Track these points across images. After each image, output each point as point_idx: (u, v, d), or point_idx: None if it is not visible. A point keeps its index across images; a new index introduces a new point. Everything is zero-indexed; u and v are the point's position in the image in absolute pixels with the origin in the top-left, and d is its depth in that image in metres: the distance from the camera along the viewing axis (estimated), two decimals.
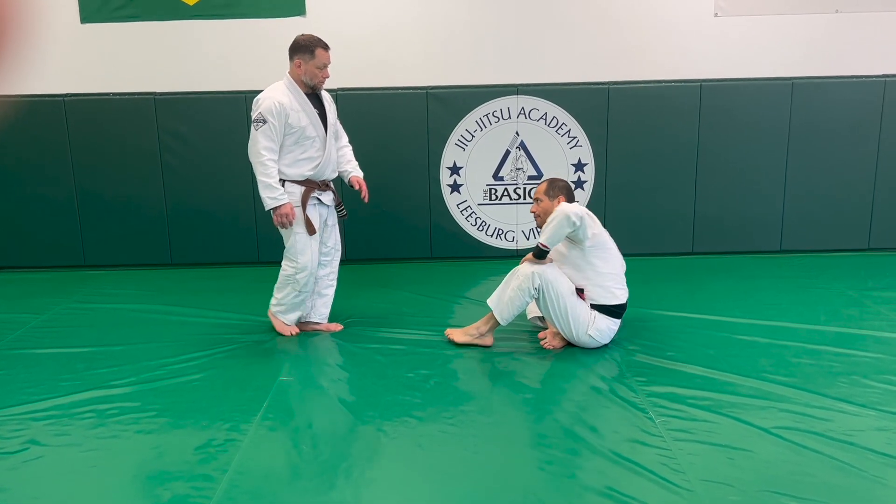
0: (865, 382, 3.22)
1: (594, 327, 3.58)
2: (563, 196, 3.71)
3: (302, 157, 3.74)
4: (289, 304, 3.94)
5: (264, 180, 3.64)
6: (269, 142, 3.63)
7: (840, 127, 5.39)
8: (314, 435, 2.87)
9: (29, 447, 2.79)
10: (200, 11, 5.39)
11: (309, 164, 3.76)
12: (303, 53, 3.65)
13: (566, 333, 3.63)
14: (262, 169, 3.64)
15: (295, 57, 3.67)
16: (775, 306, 4.32)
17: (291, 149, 3.71)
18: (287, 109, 3.63)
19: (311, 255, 3.85)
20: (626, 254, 5.50)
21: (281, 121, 3.62)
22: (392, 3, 5.42)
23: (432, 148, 5.44)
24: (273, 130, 3.62)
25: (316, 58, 3.65)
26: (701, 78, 5.39)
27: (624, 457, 2.62)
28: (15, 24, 1.11)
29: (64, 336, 4.07)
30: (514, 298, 3.60)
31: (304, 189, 3.77)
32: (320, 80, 3.72)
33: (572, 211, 3.43)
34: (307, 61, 3.65)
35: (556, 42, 5.49)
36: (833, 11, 5.42)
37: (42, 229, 5.49)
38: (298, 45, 3.67)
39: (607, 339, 3.65)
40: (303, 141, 3.71)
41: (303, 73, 3.67)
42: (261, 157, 3.63)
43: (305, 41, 3.66)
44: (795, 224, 5.55)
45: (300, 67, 3.66)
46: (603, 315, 3.59)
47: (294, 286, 3.88)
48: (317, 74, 3.68)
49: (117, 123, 5.35)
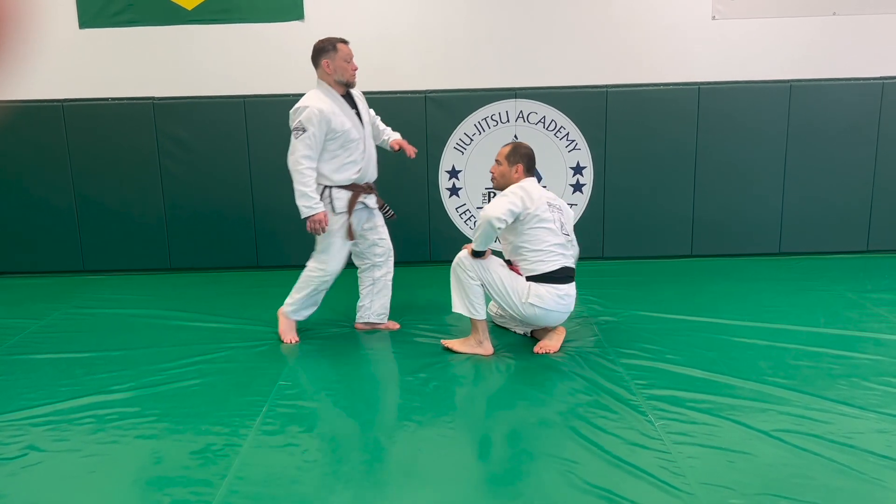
0: (865, 385, 3.22)
1: (533, 294, 3.58)
2: (521, 164, 3.72)
3: (348, 161, 3.76)
4: (302, 304, 3.96)
5: (301, 189, 3.65)
6: (308, 150, 3.63)
7: (838, 129, 5.40)
8: (314, 440, 2.86)
9: (28, 453, 2.78)
10: (199, 16, 5.39)
11: (354, 168, 3.79)
12: (326, 53, 3.69)
13: (512, 309, 3.64)
14: (299, 178, 3.65)
15: (321, 60, 3.71)
16: (774, 309, 4.32)
17: (337, 153, 3.72)
18: (328, 115, 3.64)
19: (341, 260, 3.89)
20: (625, 256, 5.57)
21: (322, 128, 3.63)
22: (390, 7, 5.43)
23: (431, 152, 5.45)
24: (313, 139, 3.63)
25: (339, 51, 3.70)
26: (699, 81, 5.40)
27: (623, 460, 2.62)
28: (11, 26, 1.10)
29: (63, 341, 4.06)
30: (466, 289, 3.64)
31: (350, 194, 3.80)
32: (351, 74, 3.75)
33: (495, 216, 3.47)
34: (333, 58, 3.69)
35: (554, 46, 5.49)
36: (830, 14, 5.43)
37: (41, 234, 5.48)
38: (320, 48, 3.72)
39: (554, 304, 3.60)
40: (347, 144, 3.74)
41: (333, 72, 3.70)
42: (299, 165, 3.63)
43: (323, 42, 3.72)
44: (794, 226, 5.55)
45: (329, 67, 3.70)
46: (538, 283, 3.60)
47: (317, 285, 3.91)
48: (346, 68, 3.72)
49: (116, 128, 5.35)
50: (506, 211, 3.50)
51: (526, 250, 3.62)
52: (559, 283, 3.61)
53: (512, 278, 3.63)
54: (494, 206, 3.52)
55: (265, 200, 5.43)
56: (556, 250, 3.62)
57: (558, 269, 3.61)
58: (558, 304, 3.62)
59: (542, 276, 3.60)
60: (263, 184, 5.39)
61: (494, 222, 3.48)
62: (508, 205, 3.51)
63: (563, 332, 3.86)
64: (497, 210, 3.49)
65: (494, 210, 3.50)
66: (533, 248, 3.60)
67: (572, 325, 4.11)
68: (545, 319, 3.69)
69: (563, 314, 3.70)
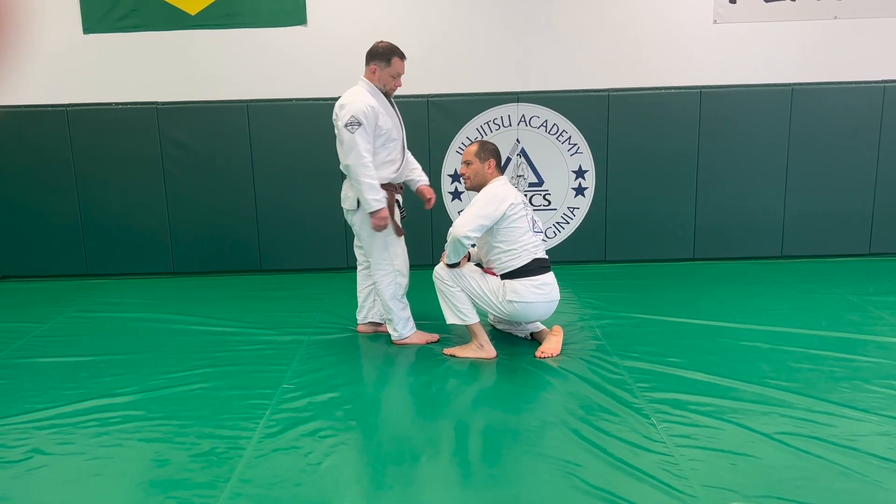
0: (867, 387, 3.23)
1: (509, 291, 3.60)
2: (492, 159, 3.73)
3: (387, 160, 3.78)
4: (400, 316, 3.92)
5: (369, 182, 3.63)
6: (367, 143, 3.64)
7: (840, 132, 5.41)
8: (317, 443, 2.87)
9: (33, 456, 2.79)
10: (202, 21, 5.41)
11: (392, 167, 3.80)
12: (379, 60, 3.70)
13: (495, 310, 3.69)
14: (364, 171, 3.63)
15: (371, 63, 3.72)
16: (777, 312, 4.32)
17: (378, 151, 3.73)
18: (377, 111, 3.67)
19: (404, 255, 3.89)
20: (627, 260, 5.57)
21: (372, 123, 3.64)
22: (392, 12, 5.45)
23: (433, 156, 5.46)
24: (368, 132, 3.63)
25: (392, 66, 3.70)
26: (700, 85, 5.41)
27: (626, 462, 2.63)
28: (9, 27, 1.12)
29: (67, 345, 4.08)
30: (450, 298, 3.69)
31: (388, 193, 3.79)
32: (392, 88, 3.76)
33: (463, 234, 3.51)
34: (382, 69, 3.70)
35: (556, 50, 5.51)
36: (832, 17, 5.44)
37: (45, 238, 5.51)
38: (376, 52, 3.71)
39: (533, 296, 3.61)
40: (388, 143, 3.75)
41: (377, 80, 3.71)
42: (363, 158, 3.62)
43: (383, 49, 3.71)
44: (796, 229, 5.56)
45: (374, 74, 3.71)
46: (513, 279, 3.62)
47: (397, 293, 3.88)
48: (390, 82, 3.73)
49: (120, 133, 5.38)
50: (475, 227, 3.54)
51: (500, 250, 3.65)
52: (534, 275, 3.63)
53: (486, 280, 3.67)
54: (464, 222, 3.54)
55: (268, 204, 5.44)
56: (528, 248, 3.64)
57: (530, 261, 3.63)
58: (537, 295, 3.63)
59: (515, 272, 3.62)
60: (266, 188, 5.41)
61: (463, 240, 3.53)
62: (479, 220, 3.54)
63: (560, 332, 3.86)
64: (466, 227, 3.52)
65: (463, 227, 3.53)
66: (507, 247, 3.63)
67: (574, 328, 4.12)
68: (531, 313, 3.70)
69: (547, 304, 3.69)
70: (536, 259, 3.66)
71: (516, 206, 3.62)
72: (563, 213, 5.58)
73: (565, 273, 5.19)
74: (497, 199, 3.60)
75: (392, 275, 3.87)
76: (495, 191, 3.65)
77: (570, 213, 5.57)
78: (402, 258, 3.88)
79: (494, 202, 3.58)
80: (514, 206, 3.60)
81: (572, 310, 4.47)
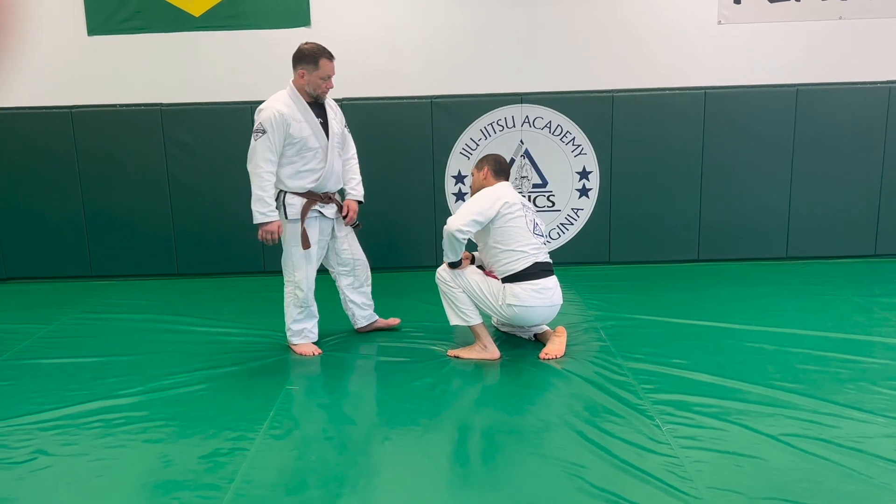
0: (873, 389, 3.21)
1: (509, 295, 3.60)
2: (487, 167, 3.78)
3: (304, 169, 3.67)
4: (299, 325, 3.89)
5: (258, 193, 3.55)
6: (268, 153, 3.54)
7: (845, 133, 5.39)
8: (321, 444, 2.87)
9: (37, 457, 2.80)
10: (206, 23, 5.42)
11: (311, 176, 3.70)
12: (306, 63, 3.59)
13: (495, 312, 3.70)
14: (257, 181, 3.55)
15: (298, 67, 3.61)
16: (782, 313, 4.31)
17: (293, 160, 3.64)
18: (288, 119, 3.56)
19: (307, 269, 3.79)
20: (632, 261, 5.56)
21: (281, 132, 3.55)
22: (396, 13, 5.45)
23: (437, 157, 5.46)
24: (271, 142, 3.54)
25: (320, 68, 3.58)
26: (705, 85, 5.39)
27: (630, 464, 2.62)
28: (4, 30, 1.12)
29: (71, 346, 4.08)
30: (452, 300, 3.70)
31: (304, 202, 3.70)
32: (323, 91, 3.65)
33: (456, 228, 3.53)
34: (310, 72, 3.59)
35: (560, 50, 5.50)
36: (837, 18, 5.42)
37: (49, 239, 5.52)
38: (302, 55, 3.60)
39: (533, 300, 3.60)
40: (304, 152, 3.64)
41: (306, 84, 3.61)
42: (259, 168, 3.54)
43: (309, 51, 3.60)
44: (801, 231, 5.54)
45: (303, 78, 3.60)
46: (513, 283, 3.61)
47: (295, 302, 3.85)
48: (320, 85, 3.62)
49: (124, 134, 5.39)
50: (468, 222, 3.54)
51: (498, 251, 3.64)
52: (534, 279, 3.62)
53: (487, 283, 3.67)
54: (457, 217, 3.56)
55: None
56: (527, 250, 3.63)
57: (530, 265, 3.63)
58: (537, 300, 3.62)
59: (516, 276, 3.62)
60: None
61: (457, 234, 3.54)
62: (472, 215, 3.56)
63: (563, 333, 3.85)
64: (458, 222, 3.54)
65: (456, 222, 3.54)
66: (504, 247, 3.62)
67: (578, 329, 4.11)
68: (531, 317, 3.69)
69: (547, 308, 3.68)
70: (538, 263, 3.65)
71: (512, 205, 3.62)
72: (566, 215, 5.57)
73: (569, 274, 5.19)
74: (491, 197, 3.62)
75: (290, 285, 3.84)
76: (490, 190, 3.68)
77: (574, 214, 5.56)
78: (302, 272, 3.77)
79: (488, 200, 3.60)
80: (509, 206, 3.60)
81: (576, 311, 4.46)
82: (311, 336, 3.95)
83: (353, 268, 4.01)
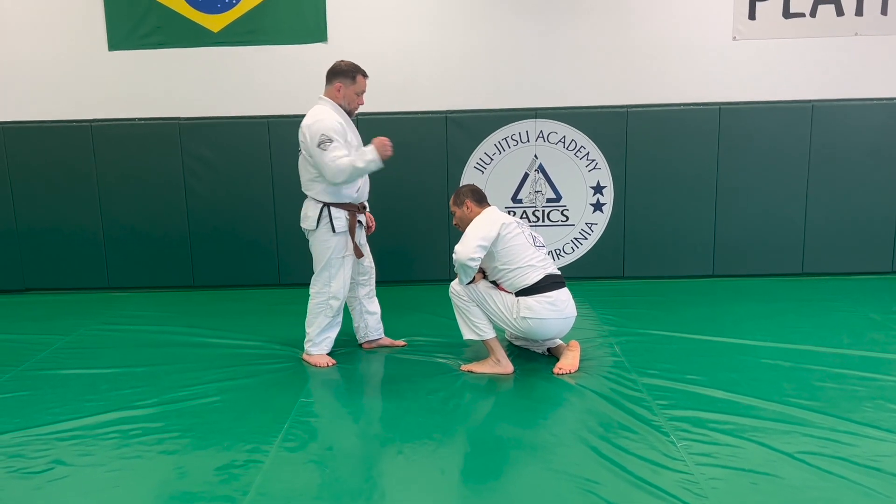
0: (891, 407, 3.18)
1: (523, 307, 3.62)
2: (468, 200, 3.82)
3: None
4: (320, 336, 3.92)
5: (357, 166, 3.61)
6: (342, 151, 3.62)
7: (861, 149, 5.37)
8: (335, 457, 2.88)
9: (54, 467, 2.82)
10: (225, 38, 5.50)
11: (353, 187, 3.81)
12: (344, 78, 3.73)
13: (509, 326, 3.71)
14: (346, 166, 3.60)
15: (335, 81, 3.74)
16: (798, 330, 4.28)
17: None
18: (345, 128, 3.70)
19: (345, 280, 3.87)
20: (646, 276, 5.55)
21: (343, 139, 3.67)
22: (412, 29, 5.50)
23: (451, 171, 5.49)
24: (341, 147, 3.63)
25: (356, 83, 3.75)
26: (720, 101, 5.40)
27: (645, 480, 2.60)
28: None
29: (88, 357, 4.12)
30: (466, 314, 3.72)
31: (349, 214, 3.80)
32: (356, 106, 3.80)
33: (467, 257, 3.57)
34: (347, 86, 3.73)
35: (574, 66, 5.53)
36: (852, 34, 5.42)
37: (68, 251, 5.58)
38: (340, 70, 3.75)
39: (547, 312, 3.62)
40: None
41: (342, 98, 3.75)
42: (340, 160, 3.60)
43: (348, 67, 3.75)
44: (817, 247, 5.51)
45: (339, 91, 3.74)
46: (526, 296, 3.64)
47: (327, 312, 3.88)
48: (354, 99, 3.77)
49: (143, 148, 5.46)
50: (475, 248, 3.59)
51: (507, 271, 3.68)
52: (547, 291, 3.64)
53: (501, 296, 3.70)
54: (465, 247, 3.60)
55: (287, 219, 5.48)
56: (534, 263, 3.66)
57: (542, 278, 3.65)
58: (551, 312, 3.64)
59: (529, 289, 3.64)
60: (286, 203, 5.45)
61: (469, 263, 3.59)
62: (477, 241, 3.60)
63: (577, 347, 3.85)
64: (468, 251, 3.58)
65: (466, 251, 3.58)
66: (513, 266, 3.66)
67: (592, 344, 4.10)
68: (546, 330, 3.70)
69: (562, 321, 3.70)
70: (549, 275, 3.67)
71: (508, 225, 3.69)
72: (580, 229, 5.57)
73: (583, 289, 5.18)
74: (488, 221, 3.68)
75: (324, 295, 3.86)
76: (484, 216, 3.74)
77: (589, 228, 5.56)
78: (339, 282, 3.84)
79: (486, 224, 3.66)
80: (506, 226, 3.68)
81: (590, 326, 4.45)
82: (330, 345, 3.99)
83: (370, 276, 4.09)
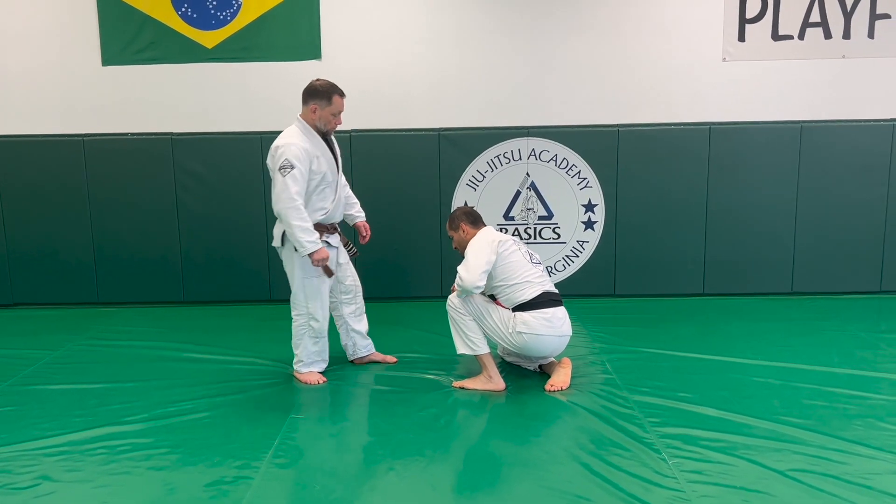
0: (881, 425, 3.19)
1: (519, 322, 3.63)
2: (462, 222, 3.88)
3: (317, 202, 3.74)
4: (309, 356, 3.90)
5: (301, 224, 3.58)
6: (298, 186, 3.57)
7: (849, 170, 5.43)
8: (325, 473, 2.86)
9: (41, 482, 2.79)
10: (219, 54, 5.52)
11: (322, 212, 3.76)
12: (319, 99, 3.66)
13: (504, 341, 3.72)
14: (295, 214, 3.57)
15: (311, 102, 3.67)
16: (788, 348, 4.30)
17: (310, 195, 3.70)
18: (310, 155, 3.63)
19: (322, 300, 3.84)
20: (637, 294, 5.56)
21: (306, 166, 3.61)
22: (405, 47, 5.54)
23: (444, 188, 5.50)
24: (301, 176, 3.59)
25: (332, 104, 3.67)
26: (710, 121, 5.45)
27: (637, 498, 2.60)
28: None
29: (77, 372, 4.09)
30: (461, 327, 3.72)
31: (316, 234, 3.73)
32: (332, 127, 3.74)
33: (473, 285, 3.60)
34: (323, 107, 3.66)
35: (566, 85, 5.57)
36: (840, 56, 5.49)
37: (58, 266, 5.55)
38: (315, 91, 3.68)
39: (543, 329, 3.63)
40: (322, 186, 3.72)
41: (317, 119, 3.68)
42: (294, 202, 3.56)
43: (323, 87, 3.67)
44: (806, 266, 5.54)
45: (315, 112, 3.67)
46: (523, 311, 3.65)
47: (310, 333, 3.86)
48: (331, 120, 3.70)
49: (135, 163, 5.45)
50: (480, 275, 3.62)
51: (504, 287, 3.70)
52: (544, 308, 3.66)
53: (498, 311, 3.72)
54: (470, 275, 3.62)
55: None
56: (531, 279, 3.69)
57: (539, 294, 3.67)
58: (547, 328, 3.65)
59: (526, 305, 3.66)
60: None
61: (474, 291, 3.65)
62: (481, 267, 3.63)
63: (569, 364, 3.86)
64: (473, 279, 3.60)
65: (471, 280, 3.60)
66: (510, 282, 3.69)
67: (584, 362, 4.10)
68: (541, 347, 3.71)
69: (557, 339, 3.71)
70: (546, 292, 3.69)
71: (505, 243, 3.74)
72: (572, 247, 5.59)
73: (575, 307, 5.17)
74: (487, 244, 3.71)
75: (304, 317, 3.85)
76: (482, 238, 3.77)
77: (580, 246, 5.58)
78: (316, 303, 3.82)
79: (486, 248, 3.69)
80: (503, 244, 3.72)
81: (582, 343, 4.45)
82: (321, 363, 3.96)
83: (354, 294, 4.06)
